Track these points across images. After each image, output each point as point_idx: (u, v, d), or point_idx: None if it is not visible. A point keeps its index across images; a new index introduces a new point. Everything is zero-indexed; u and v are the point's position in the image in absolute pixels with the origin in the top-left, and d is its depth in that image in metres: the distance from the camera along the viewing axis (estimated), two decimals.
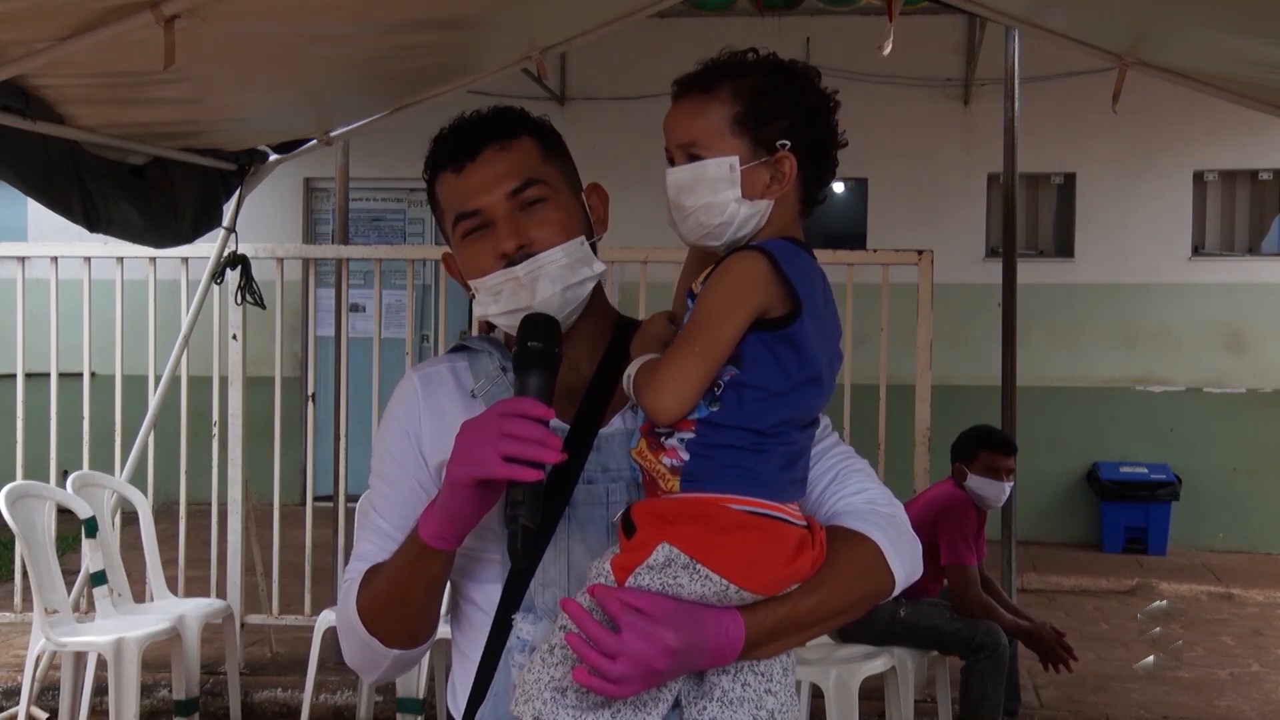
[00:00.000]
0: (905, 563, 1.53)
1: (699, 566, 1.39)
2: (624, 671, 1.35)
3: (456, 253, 1.66)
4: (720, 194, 1.48)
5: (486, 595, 1.60)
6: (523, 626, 1.54)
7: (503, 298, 1.59)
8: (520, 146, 1.62)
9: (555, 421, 1.57)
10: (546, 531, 1.54)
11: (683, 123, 1.51)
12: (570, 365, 1.62)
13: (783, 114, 1.50)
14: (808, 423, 1.51)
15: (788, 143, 1.49)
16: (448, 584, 1.61)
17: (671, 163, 1.53)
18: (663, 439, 1.45)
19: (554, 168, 1.65)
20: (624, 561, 1.41)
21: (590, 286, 1.63)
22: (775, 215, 1.51)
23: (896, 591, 1.54)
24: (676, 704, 1.47)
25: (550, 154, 1.65)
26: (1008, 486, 4.75)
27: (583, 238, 1.62)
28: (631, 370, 1.49)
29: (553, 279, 1.58)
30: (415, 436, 1.65)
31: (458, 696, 1.62)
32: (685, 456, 1.43)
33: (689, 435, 1.43)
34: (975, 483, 4.71)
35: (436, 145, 1.65)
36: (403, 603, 1.56)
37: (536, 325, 1.54)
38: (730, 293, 1.44)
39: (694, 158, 1.50)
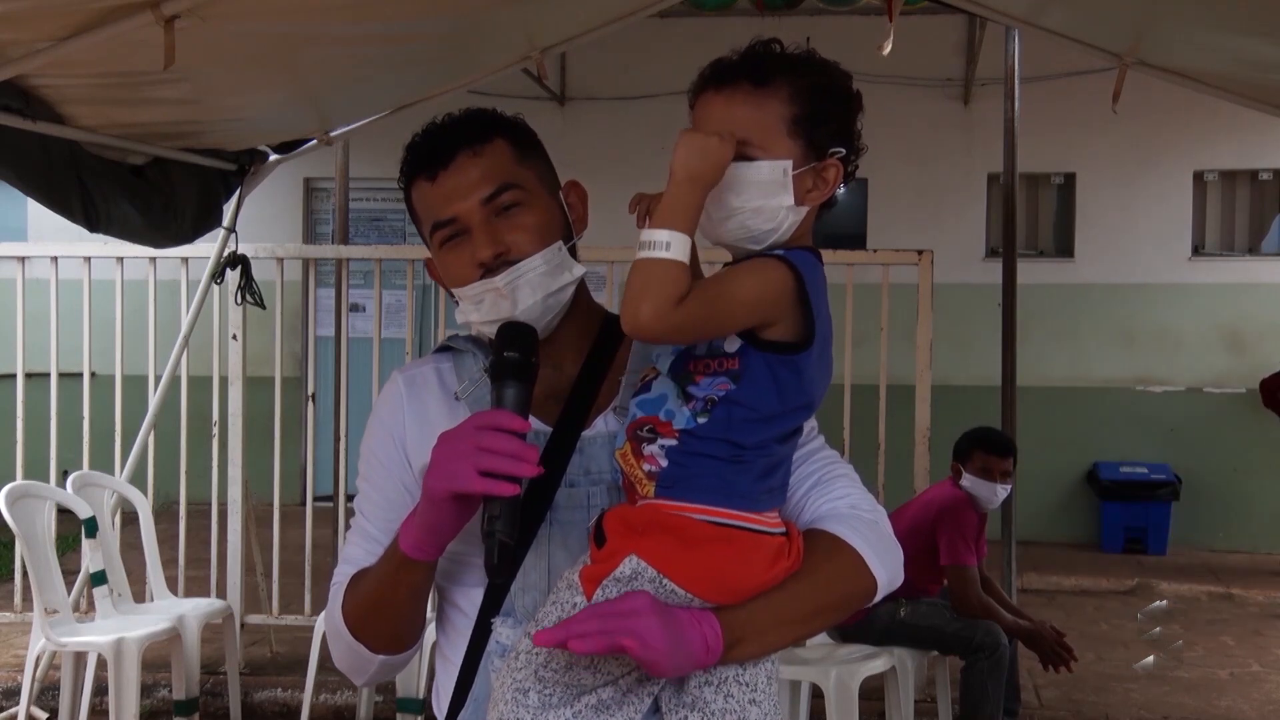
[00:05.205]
0: (887, 567, 1.51)
1: (665, 580, 1.37)
2: (632, 612, 1.33)
3: (436, 260, 1.65)
4: (773, 199, 1.42)
5: (470, 599, 1.59)
6: (502, 631, 1.53)
7: (484, 307, 1.57)
8: (493, 150, 1.59)
9: (538, 424, 1.57)
10: (527, 538, 1.52)
11: (732, 115, 1.42)
12: (554, 366, 1.61)
13: (835, 119, 1.46)
14: (790, 434, 1.48)
15: (842, 150, 1.45)
16: (432, 589, 1.60)
17: None
18: (644, 445, 1.43)
19: (529, 169, 1.62)
20: (592, 573, 1.40)
21: (571, 291, 1.60)
22: (801, 222, 1.47)
23: (878, 597, 1.52)
24: (656, 709, 1.45)
25: (525, 155, 1.62)
26: (1001, 488, 4.71)
27: (560, 243, 1.59)
28: (646, 237, 1.37)
29: (533, 287, 1.56)
30: (400, 439, 1.64)
31: (441, 700, 1.61)
32: (664, 463, 1.41)
33: (671, 443, 1.41)
34: (970, 483, 4.69)
35: (410, 153, 1.63)
36: (386, 610, 1.56)
37: (513, 334, 1.52)
38: (752, 294, 1.39)
39: (744, 155, 1.41)
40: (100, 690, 4.73)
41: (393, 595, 1.54)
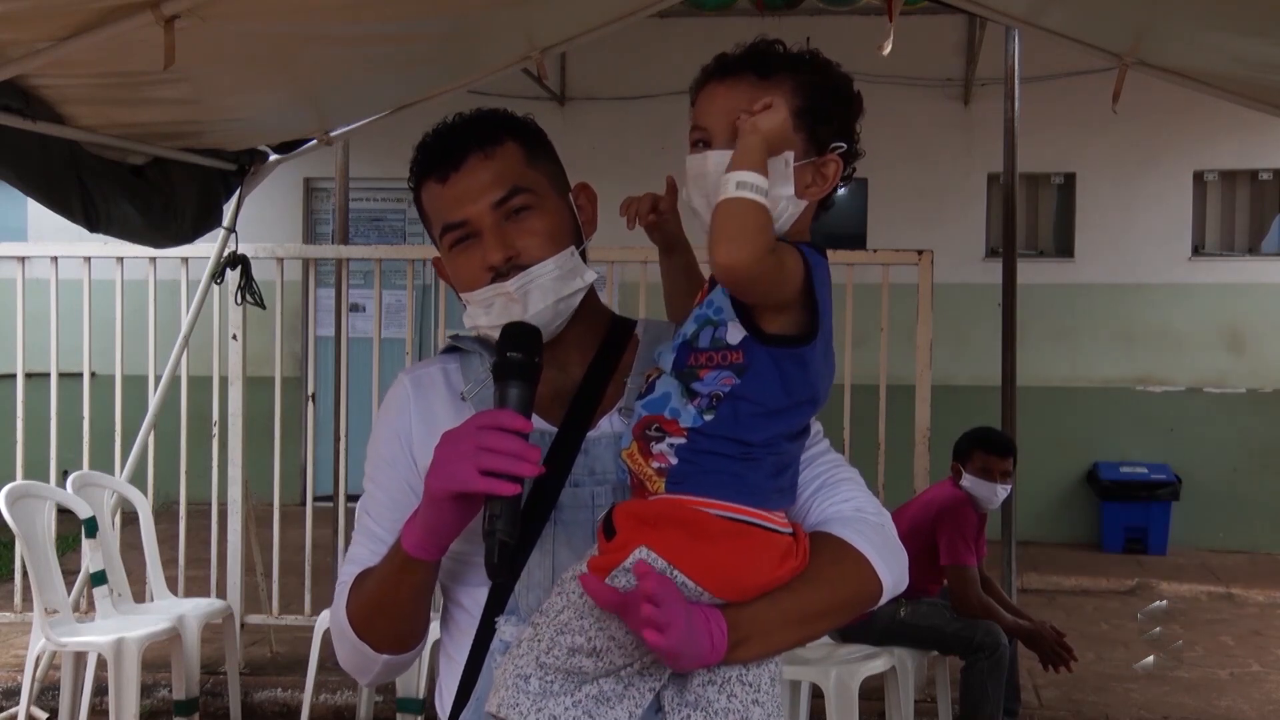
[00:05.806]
0: (892, 571, 1.51)
1: (675, 572, 1.37)
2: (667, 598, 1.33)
3: (445, 262, 1.64)
4: (774, 188, 1.41)
5: (473, 598, 1.59)
6: (506, 629, 1.53)
7: (494, 311, 1.57)
8: (504, 153, 1.58)
9: (543, 424, 1.57)
10: (529, 539, 1.53)
11: (735, 105, 1.42)
12: (560, 368, 1.61)
13: (836, 117, 1.47)
14: (798, 433, 1.49)
15: (843, 145, 1.47)
16: (436, 589, 1.60)
17: (704, 145, 1.46)
18: (652, 444, 1.43)
19: (540, 172, 1.62)
20: (600, 563, 1.39)
21: (581, 297, 1.60)
22: (800, 217, 1.48)
23: (883, 600, 1.52)
24: (659, 708, 1.44)
25: (535, 157, 1.62)
26: (1000, 488, 4.72)
27: (573, 247, 1.60)
28: (746, 178, 1.36)
29: (544, 292, 1.56)
30: (406, 439, 1.64)
31: (444, 700, 1.61)
32: (674, 460, 1.41)
33: (680, 441, 1.41)
34: (969, 483, 4.69)
35: (420, 154, 1.62)
36: (390, 610, 1.56)
37: (517, 335, 1.52)
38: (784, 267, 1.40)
39: None
40: (100, 690, 4.73)
41: (396, 595, 1.54)
